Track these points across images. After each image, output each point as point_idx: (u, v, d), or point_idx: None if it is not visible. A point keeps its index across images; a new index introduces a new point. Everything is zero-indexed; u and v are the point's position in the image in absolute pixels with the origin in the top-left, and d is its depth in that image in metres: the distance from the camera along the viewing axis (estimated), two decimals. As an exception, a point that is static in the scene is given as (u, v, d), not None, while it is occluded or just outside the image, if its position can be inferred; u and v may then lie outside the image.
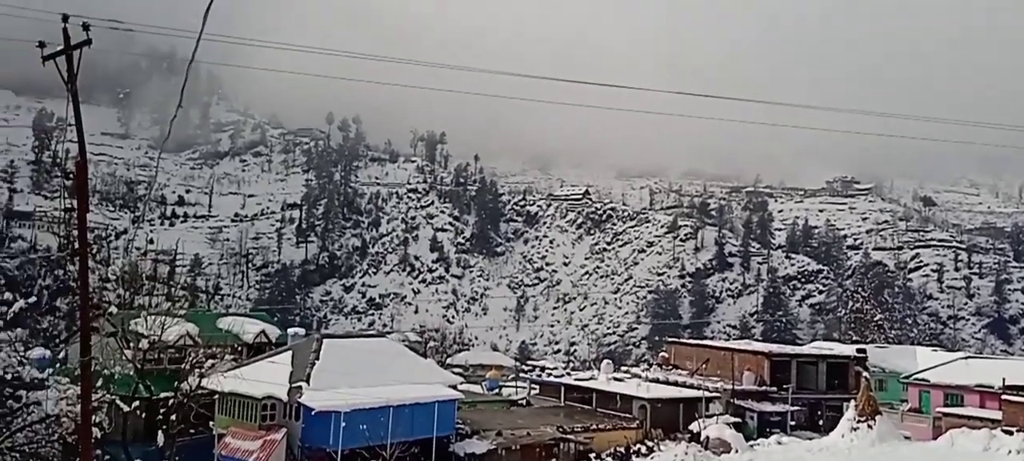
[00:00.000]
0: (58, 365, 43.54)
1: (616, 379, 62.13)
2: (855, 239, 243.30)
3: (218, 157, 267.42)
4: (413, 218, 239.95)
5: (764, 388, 58.80)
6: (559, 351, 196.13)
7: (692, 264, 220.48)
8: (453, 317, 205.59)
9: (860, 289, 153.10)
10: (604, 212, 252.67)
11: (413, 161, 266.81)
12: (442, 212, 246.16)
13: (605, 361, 71.92)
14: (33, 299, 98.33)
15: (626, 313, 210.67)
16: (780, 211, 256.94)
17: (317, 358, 43.05)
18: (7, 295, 30.81)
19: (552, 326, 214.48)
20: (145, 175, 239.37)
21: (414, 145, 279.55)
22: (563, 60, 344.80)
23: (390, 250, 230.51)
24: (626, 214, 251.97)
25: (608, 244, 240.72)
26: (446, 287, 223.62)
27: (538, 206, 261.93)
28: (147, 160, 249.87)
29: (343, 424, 37.92)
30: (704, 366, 63.23)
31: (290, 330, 60.05)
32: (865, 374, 56.88)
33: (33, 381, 28.89)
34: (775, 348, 69.84)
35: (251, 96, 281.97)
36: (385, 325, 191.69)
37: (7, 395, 28.64)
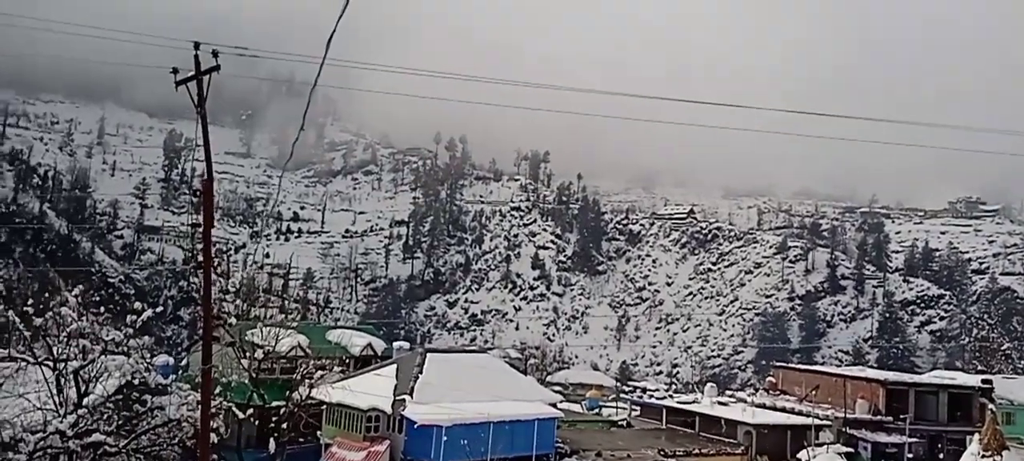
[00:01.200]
0: (181, 372, 46.18)
1: (720, 403, 60.65)
2: (980, 263, 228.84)
3: (331, 175, 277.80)
4: (515, 236, 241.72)
5: (879, 417, 56.11)
6: (661, 372, 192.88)
7: (802, 286, 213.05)
8: (553, 335, 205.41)
9: (986, 316, 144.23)
10: (709, 232, 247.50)
11: (516, 180, 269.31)
12: (544, 230, 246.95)
13: (709, 384, 70.52)
14: (160, 308, 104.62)
15: (731, 335, 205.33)
16: (897, 232, 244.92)
17: (420, 372, 43.91)
18: (137, 304, 32.69)
19: (654, 347, 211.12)
20: (264, 192, 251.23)
21: (518, 164, 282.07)
22: (669, 79, 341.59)
23: (493, 267, 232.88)
24: (732, 234, 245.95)
25: (713, 264, 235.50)
26: (547, 305, 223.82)
27: (641, 225, 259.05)
28: (266, 178, 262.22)
29: (445, 438, 38.50)
30: (814, 392, 60.87)
31: (395, 344, 61.60)
32: (991, 406, 53.28)
33: (157, 386, 30.49)
34: (891, 376, 66.56)
35: (363, 117, 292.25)
36: (487, 341, 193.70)
37: (133, 399, 30.42)
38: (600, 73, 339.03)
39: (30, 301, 29.22)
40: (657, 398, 72.61)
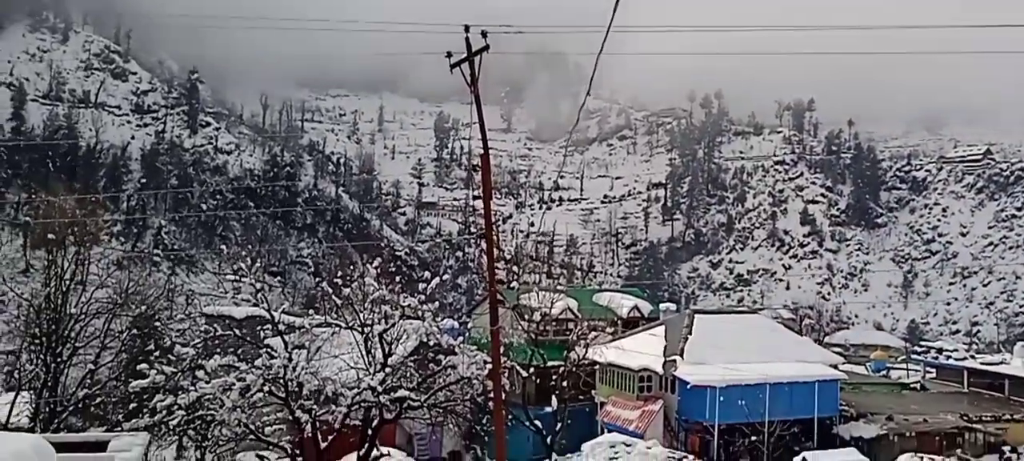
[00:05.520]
0: (467, 334, 49.83)
1: (1035, 364, 53.78)
2: None
3: (587, 143, 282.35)
4: (781, 191, 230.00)
5: None
6: (958, 332, 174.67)
7: None
8: (829, 293, 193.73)
9: None
10: (1012, 173, 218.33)
11: (779, 132, 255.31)
12: (813, 183, 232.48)
13: (1019, 343, 62.82)
14: (446, 276, 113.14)
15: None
16: None
17: (689, 332, 43.68)
18: (425, 274, 35.74)
19: (948, 304, 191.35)
20: (525, 165, 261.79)
21: (780, 115, 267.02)
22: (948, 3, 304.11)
23: (757, 225, 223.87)
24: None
25: (1019, 210, 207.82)
26: (820, 262, 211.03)
27: (926, 171, 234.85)
28: (526, 151, 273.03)
29: (720, 398, 38.05)
30: None
31: (661, 305, 61.78)
32: None
33: (448, 347, 33.06)
34: None
35: (615, 82, 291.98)
36: (755, 301, 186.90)
37: (429, 359, 33.35)
38: (867, 7, 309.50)
39: (339, 274, 32.80)
40: (956, 359, 66.22)
